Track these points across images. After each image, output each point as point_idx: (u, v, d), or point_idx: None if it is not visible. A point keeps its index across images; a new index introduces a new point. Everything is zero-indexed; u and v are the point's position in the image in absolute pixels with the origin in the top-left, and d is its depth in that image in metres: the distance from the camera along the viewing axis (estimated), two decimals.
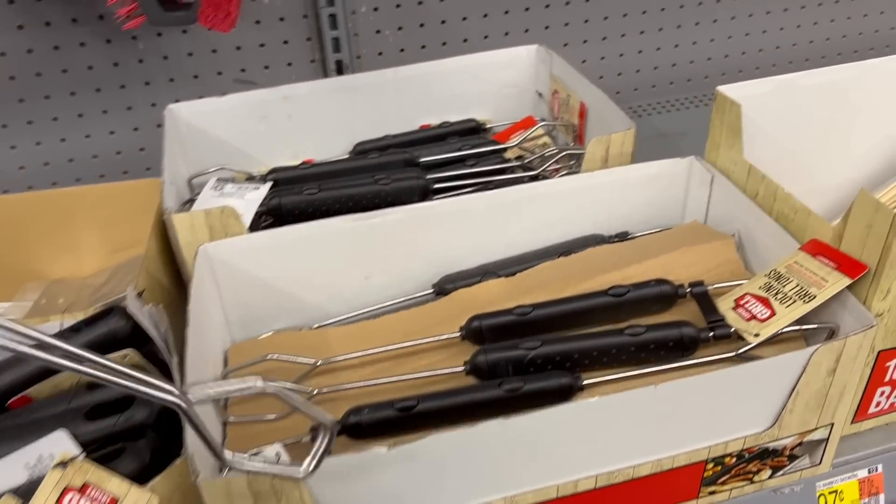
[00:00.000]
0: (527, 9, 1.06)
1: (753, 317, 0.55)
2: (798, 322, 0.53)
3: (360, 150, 0.90)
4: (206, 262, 0.63)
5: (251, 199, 0.76)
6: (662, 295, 0.60)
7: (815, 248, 0.56)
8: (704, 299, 0.58)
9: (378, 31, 1.02)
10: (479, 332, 0.60)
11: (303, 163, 0.91)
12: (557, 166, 0.84)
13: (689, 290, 0.60)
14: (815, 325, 0.54)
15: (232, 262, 0.64)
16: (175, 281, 0.71)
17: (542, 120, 0.94)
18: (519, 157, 0.86)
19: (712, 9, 1.13)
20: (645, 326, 0.54)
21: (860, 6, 1.20)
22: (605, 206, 0.71)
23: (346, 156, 0.91)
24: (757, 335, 0.54)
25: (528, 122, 0.93)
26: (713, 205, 0.69)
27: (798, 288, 0.54)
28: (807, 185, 0.74)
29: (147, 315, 0.59)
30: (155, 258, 0.67)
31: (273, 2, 0.96)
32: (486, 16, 1.05)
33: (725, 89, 0.66)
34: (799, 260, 0.56)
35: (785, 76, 0.69)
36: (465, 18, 1.04)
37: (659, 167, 0.70)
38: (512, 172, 0.83)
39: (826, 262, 0.54)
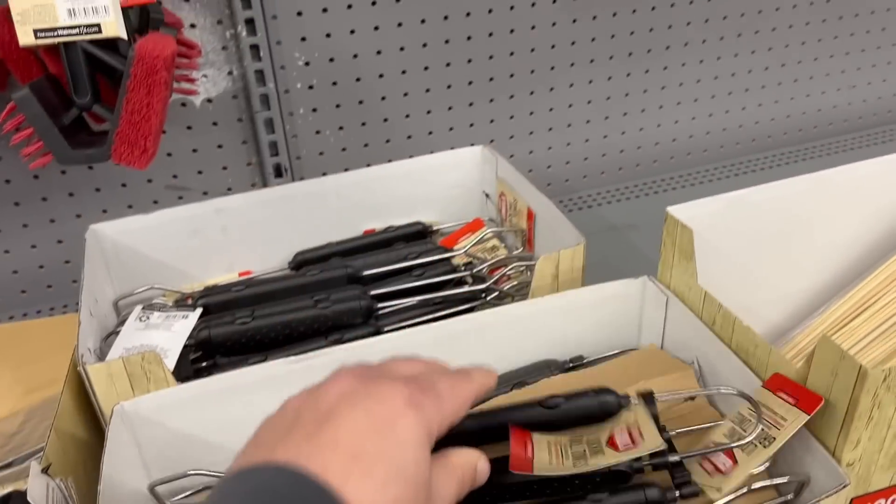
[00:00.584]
0: (471, 104, 1.03)
1: (717, 469, 0.51)
2: (763, 473, 0.50)
3: (301, 261, 0.86)
4: (124, 422, 0.57)
5: (178, 331, 0.71)
6: (604, 406, 0.55)
7: (777, 384, 0.53)
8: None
9: (318, 132, 0.98)
10: None
11: (239, 276, 0.86)
12: (509, 273, 0.81)
13: (636, 402, 0.55)
14: (784, 480, 0.50)
15: (153, 419, 0.58)
16: (94, 428, 0.65)
17: (491, 221, 0.91)
18: (468, 265, 0.83)
19: (657, 95, 1.12)
20: (605, 492, 0.49)
21: (804, 88, 1.21)
22: (559, 330, 0.67)
23: (286, 267, 0.86)
24: (719, 490, 0.50)
25: (475, 225, 0.90)
26: (669, 327, 0.66)
27: (760, 431, 0.51)
28: (765, 295, 0.72)
29: (54, 493, 0.52)
30: (69, 411, 0.61)
31: (205, 106, 0.92)
32: (429, 112, 1.02)
33: (675, 210, 0.63)
34: (763, 399, 0.52)
35: (735, 193, 0.66)
36: (407, 116, 1.02)
37: (612, 289, 0.67)
38: (461, 283, 0.79)
39: (786, 398, 0.51)
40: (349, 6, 0.92)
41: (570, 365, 0.67)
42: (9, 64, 0.68)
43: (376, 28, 0.95)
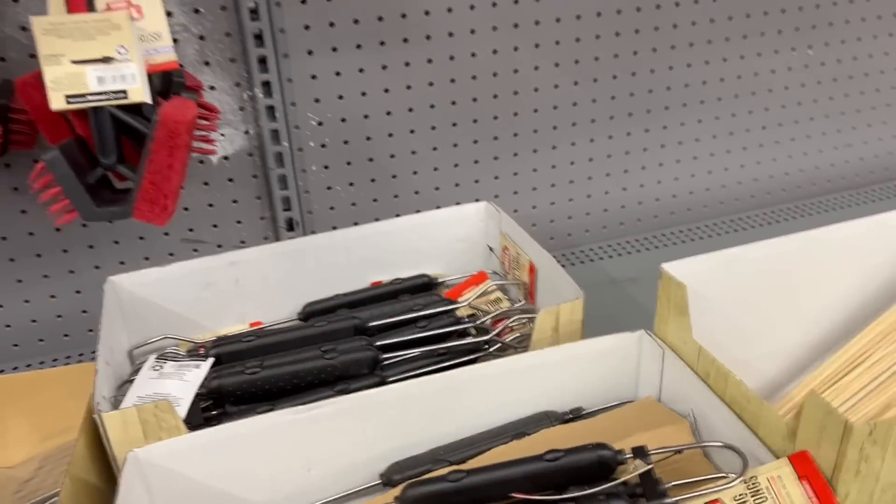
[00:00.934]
0: (476, 161, 1.07)
1: None
2: None
3: (310, 312, 0.88)
4: (136, 468, 0.59)
5: (190, 381, 0.73)
6: (601, 460, 0.57)
7: (804, 468, 0.52)
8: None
9: (329, 188, 1.02)
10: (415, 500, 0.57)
11: (250, 326, 0.89)
12: (512, 325, 0.83)
13: (629, 455, 0.57)
14: None
15: (165, 465, 0.60)
16: (107, 475, 0.66)
17: (495, 273, 0.94)
18: (471, 316, 0.85)
19: (657, 153, 1.16)
20: None
21: (801, 146, 1.24)
22: (558, 382, 0.69)
23: (295, 317, 0.89)
24: None
25: (479, 278, 0.93)
26: (666, 380, 0.68)
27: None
28: (761, 350, 0.74)
29: None
30: (84, 457, 0.63)
31: (221, 163, 0.96)
32: (436, 169, 1.06)
33: (670, 267, 0.66)
34: (783, 475, 0.53)
35: (729, 250, 0.69)
36: (415, 172, 1.05)
37: (610, 342, 0.69)
38: (465, 335, 0.82)
39: (807, 491, 0.51)
40: (361, 70, 0.97)
41: (570, 416, 0.69)
42: (39, 125, 0.73)
43: (386, 90, 0.99)
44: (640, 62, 1.08)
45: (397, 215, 0.97)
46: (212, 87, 0.92)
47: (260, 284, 0.88)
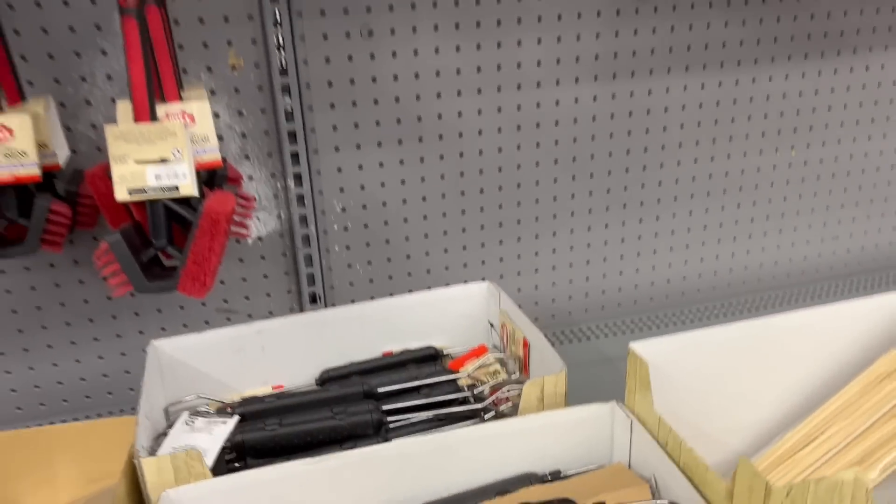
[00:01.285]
0: (482, 244, 1.19)
1: None
2: None
3: (326, 378, 0.99)
4: None
5: (218, 435, 0.83)
6: None
7: None
8: None
9: (349, 266, 1.14)
10: None
11: (273, 389, 0.99)
12: (507, 395, 0.92)
13: None
14: None
15: None
16: None
17: (494, 347, 1.04)
18: (471, 386, 0.95)
19: (650, 241, 1.26)
20: None
21: (788, 238, 1.34)
22: (540, 446, 0.78)
23: (313, 382, 0.99)
24: None
25: (480, 351, 1.03)
26: (634, 447, 0.76)
27: None
28: (724, 424, 0.82)
29: None
30: (124, 498, 0.73)
31: (256, 243, 1.09)
32: (446, 251, 1.18)
33: (637, 346, 0.75)
34: None
35: (693, 333, 0.79)
36: (427, 253, 1.17)
37: (585, 412, 0.78)
38: (463, 402, 0.91)
39: None
40: (381, 164, 1.10)
41: (549, 478, 0.78)
42: (103, 210, 0.86)
43: (403, 182, 1.12)
44: (632, 160, 1.20)
45: (410, 291, 1.09)
46: (250, 177, 1.05)
47: (284, 351, 0.98)
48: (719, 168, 1.25)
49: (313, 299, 1.13)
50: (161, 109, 0.82)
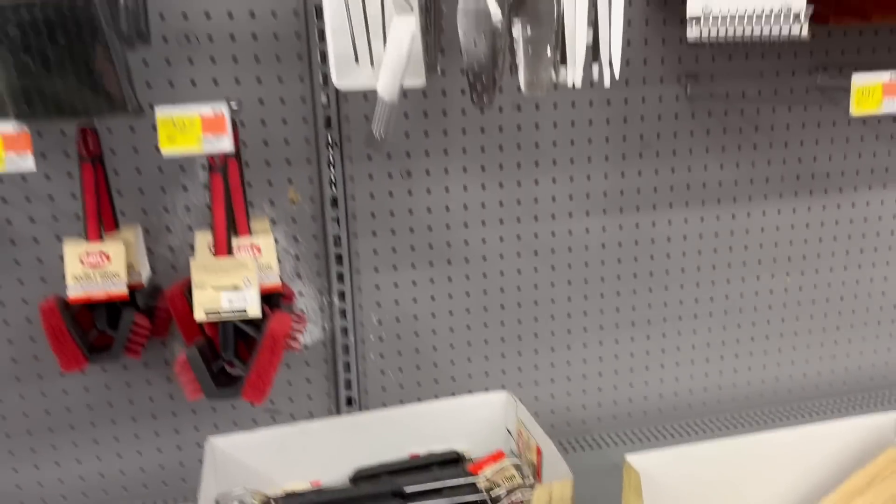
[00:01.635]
0: (503, 355, 1.32)
1: None
2: None
3: (359, 476, 1.11)
4: None
5: None
6: None
7: None
8: None
9: (382, 372, 1.27)
10: None
11: (311, 484, 1.11)
12: (520, 499, 1.03)
13: None
14: None
15: None
16: None
17: (511, 453, 1.15)
18: (489, 489, 1.06)
19: (658, 356, 1.38)
20: None
21: (788, 356, 1.44)
22: None
23: (347, 479, 1.11)
24: None
25: (498, 456, 1.14)
26: None
27: None
28: None
29: None
30: None
31: (302, 354, 1.23)
32: (469, 360, 1.31)
33: (632, 458, 0.86)
34: None
35: (684, 447, 0.90)
36: (452, 362, 1.30)
37: None
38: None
39: None
40: (413, 282, 1.25)
41: None
42: (179, 325, 1.02)
43: (432, 298, 1.27)
44: (639, 283, 1.33)
45: (436, 396, 1.21)
46: (300, 293, 1.21)
47: (322, 450, 1.11)
48: (720, 291, 1.38)
49: (349, 402, 1.26)
50: (234, 242, 0.99)
